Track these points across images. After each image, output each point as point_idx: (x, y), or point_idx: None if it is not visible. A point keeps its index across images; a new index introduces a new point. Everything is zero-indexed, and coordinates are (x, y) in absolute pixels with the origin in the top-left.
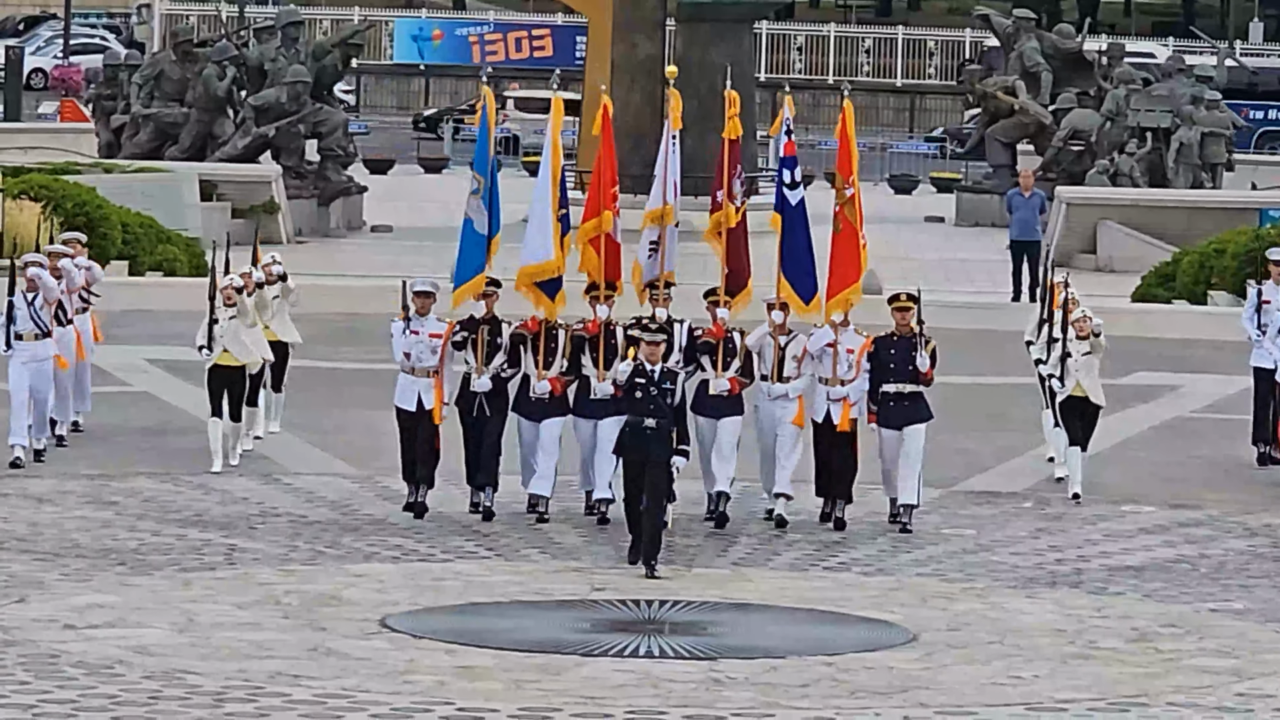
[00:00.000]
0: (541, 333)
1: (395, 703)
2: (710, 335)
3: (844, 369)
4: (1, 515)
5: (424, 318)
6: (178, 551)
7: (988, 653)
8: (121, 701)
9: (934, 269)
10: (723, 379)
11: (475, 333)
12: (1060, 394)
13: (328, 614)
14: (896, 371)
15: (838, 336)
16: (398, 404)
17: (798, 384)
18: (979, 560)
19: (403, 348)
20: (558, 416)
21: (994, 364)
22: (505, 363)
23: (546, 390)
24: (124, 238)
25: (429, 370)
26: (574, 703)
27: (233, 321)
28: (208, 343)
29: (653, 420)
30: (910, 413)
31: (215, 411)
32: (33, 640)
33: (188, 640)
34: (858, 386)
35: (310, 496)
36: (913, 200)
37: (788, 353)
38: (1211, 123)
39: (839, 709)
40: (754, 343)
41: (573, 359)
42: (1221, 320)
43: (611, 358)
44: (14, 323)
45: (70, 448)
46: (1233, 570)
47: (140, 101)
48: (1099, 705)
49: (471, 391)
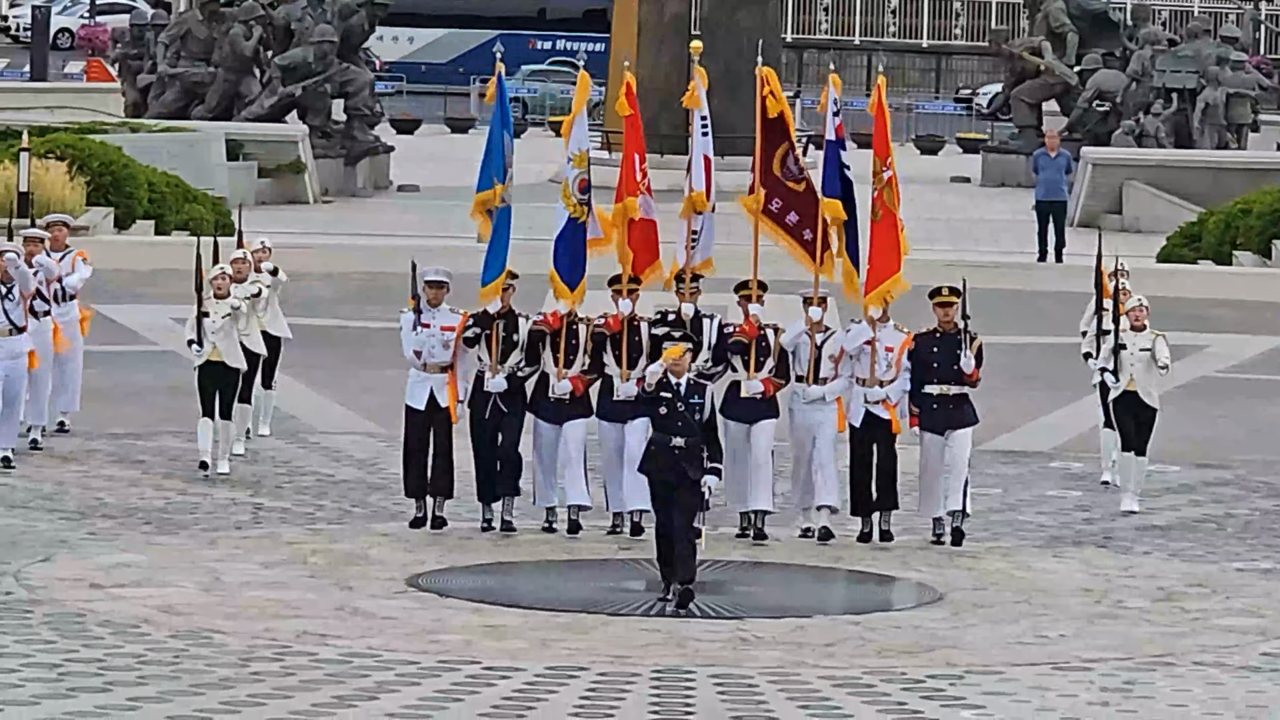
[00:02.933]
0: (562, 328)
1: (422, 662)
2: (742, 334)
3: (883, 369)
4: (27, 474)
5: (435, 309)
6: (204, 510)
7: (1014, 612)
8: (148, 660)
9: (960, 229)
10: (756, 380)
11: (489, 328)
12: (1114, 389)
13: (354, 573)
14: (940, 371)
15: (876, 333)
16: (409, 402)
17: (835, 386)
18: (1005, 520)
19: (413, 345)
20: (580, 418)
21: (1020, 324)
22: (522, 361)
23: (568, 390)
24: (150, 197)
25: (442, 366)
26: (601, 661)
27: (226, 320)
28: (197, 338)
29: (681, 439)
30: (955, 416)
31: (206, 411)
32: (59, 599)
33: (214, 599)
34: (898, 387)
35: (337, 455)
36: (939, 161)
37: (824, 352)
38: (1237, 83)
39: (865, 668)
40: (789, 341)
41: (594, 357)
42: (1247, 280)
43: (635, 355)
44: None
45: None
46: (1259, 529)
47: (167, 61)
48: (1125, 664)
49: (485, 392)
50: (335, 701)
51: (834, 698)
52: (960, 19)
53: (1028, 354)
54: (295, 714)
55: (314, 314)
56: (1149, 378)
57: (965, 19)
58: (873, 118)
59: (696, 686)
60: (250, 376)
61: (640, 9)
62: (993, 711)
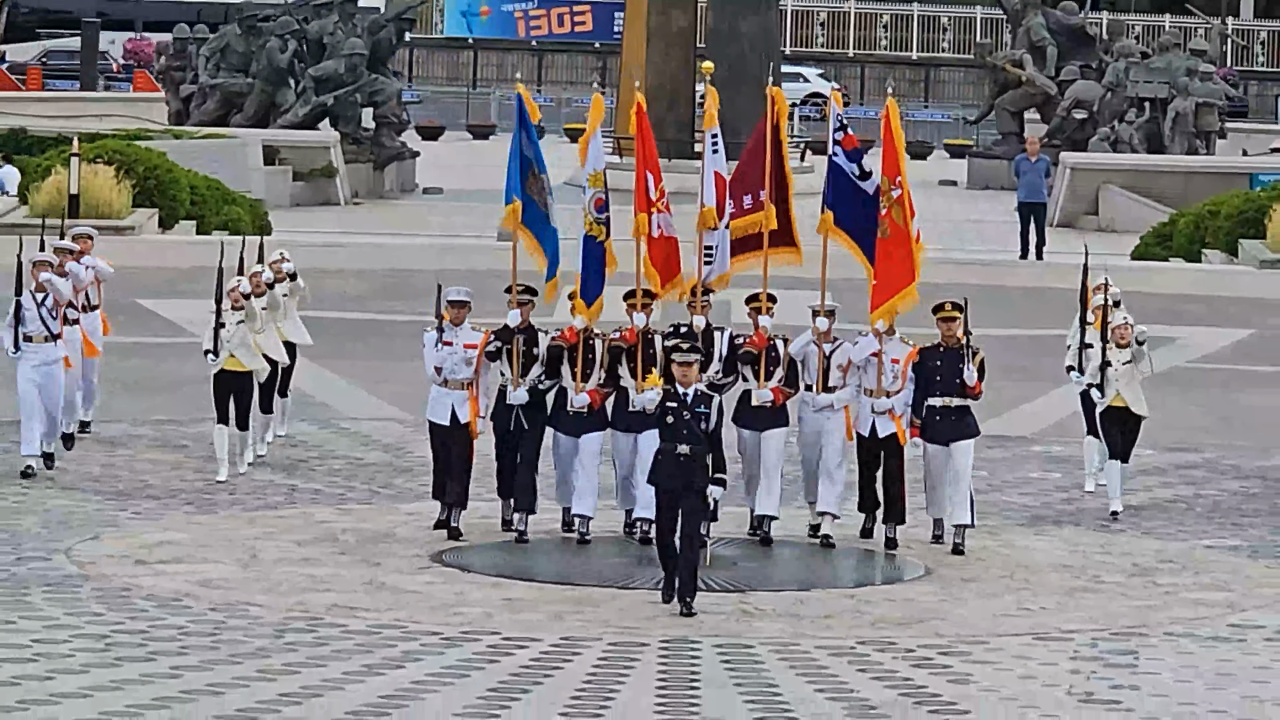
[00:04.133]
0: (580, 344)
1: (445, 632)
2: (752, 345)
3: (889, 380)
4: (77, 458)
5: (458, 328)
6: (242, 491)
7: (999, 586)
8: (189, 632)
9: (947, 229)
10: (765, 389)
11: (510, 343)
12: (1100, 404)
13: (382, 550)
14: (943, 384)
15: (882, 346)
16: (430, 417)
17: (843, 395)
18: (991, 500)
19: (434, 361)
20: (597, 431)
21: (1003, 317)
22: (543, 374)
23: (585, 403)
24: (192, 199)
25: (462, 382)
26: (612, 632)
27: (240, 326)
28: (214, 347)
29: (686, 446)
30: (958, 428)
31: (221, 418)
32: (106, 575)
33: (251, 575)
34: (903, 398)
35: (365, 440)
36: (927, 165)
37: (833, 362)
38: (1205, 93)
39: (860, 638)
40: (797, 351)
41: (610, 370)
42: (1215, 277)
43: (650, 368)
44: (22, 324)
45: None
46: (1226, 509)
47: (208, 73)
48: (1102, 635)
49: (507, 405)
50: (364, 670)
51: (831, 666)
52: (947, 33)
53: (1010, 346)
54: (327, 682)
55: (344, 308)
56: (1135, 389)
57: (952, 33)
58: (883, 139)
59: (702, 656)
60: (269, 385)
61: (649, 19)
62: (979, 679)
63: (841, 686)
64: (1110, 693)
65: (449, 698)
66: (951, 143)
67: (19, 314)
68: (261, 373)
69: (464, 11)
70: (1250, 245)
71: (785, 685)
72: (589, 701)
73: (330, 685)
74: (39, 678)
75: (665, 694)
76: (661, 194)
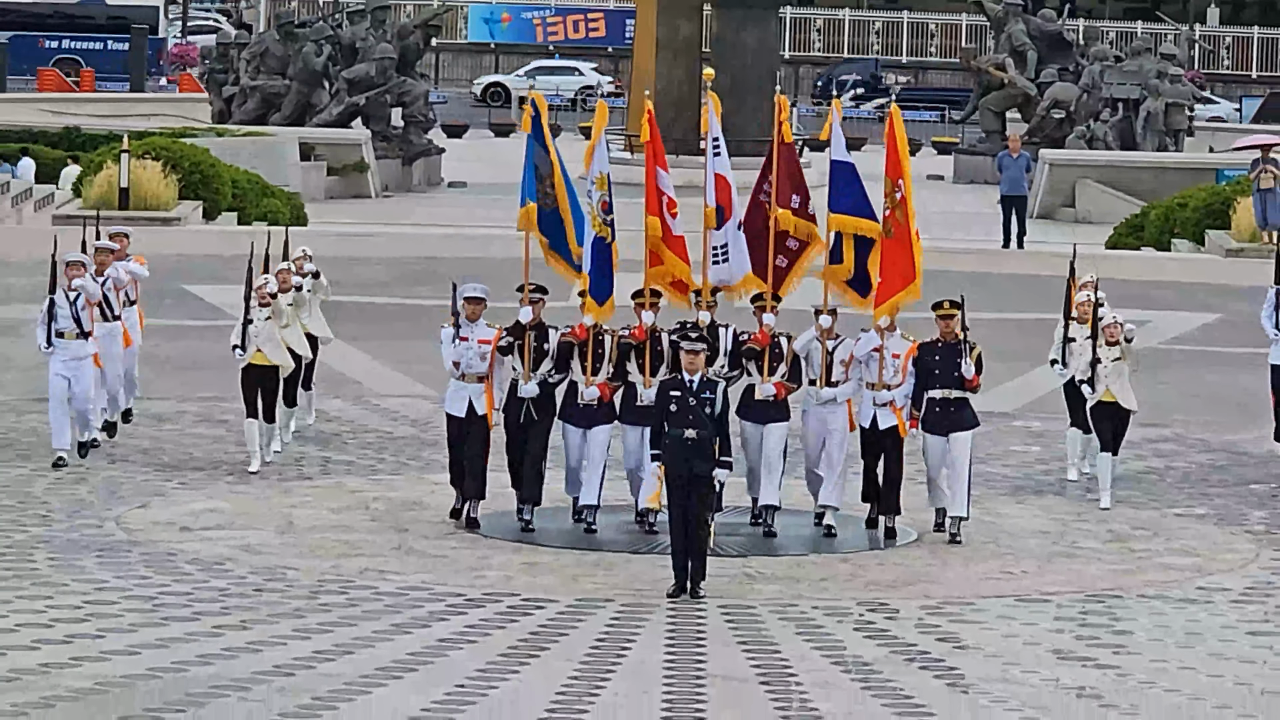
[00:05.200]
0: (589, 339)
1: (469, 594)
2: (755, 341)
3: (890, 374)
4: (127, 432)
5: (474, 324)
6: (279, 463)
7: (983, 552)
8: (230, 594)
9: (935, 220)
10: (768, 384)
11: (522, 338)
12: (1090, 399)
13: (410, 517)
14: (942, 377)
15: (884, 341)
16: (448, 410)
17: (845, 388)
18: (976, 471)
19: (452, 356)
20: (605, 424)
21: (986, 302)
22: (553, 369)
23: (595, 396)
24: (234, 192)
25: (479, 376)
26: (623, 594)
27: (267, 323)
28: (242, 343)
29: (693, 431)
30: (955, 419)
31: (250, 412)
32: (154, 541)
33: (288, 540)
34: (903, 391)
35: (394, 416)
36: (916, 161)
37: (835, 357)
38: (1174, 94)
39: (855, 599)
40: (801, 347)
41: (619, 365)
42: (1183, 264)
43: (657, 364)
44: (55, 320)
45: (183, 377)
46: (1195, 480)
47: (248, 75)
48: (1079, 597)
49: (519, 398)
50: (393, 629)
51: (826, 625)
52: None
53: (993, 328)
54: (358, 640)
55: (374, 293)
56: (1124, 385)
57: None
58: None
59: (707, 616)
60: (293, 379)
61: (658, 30)
62: (965, 637)
63: (837, 644)
64: (1087, 650)
65: (472, 655)
66: (939, 140)
67: (52, 311)
68: (286, 367)
69: (486, 18)
70: (1216, 235)
71: (785, 643)
72: (602, 659)
73: (361, 643)
74: (91, 636)
75: (673, 652)
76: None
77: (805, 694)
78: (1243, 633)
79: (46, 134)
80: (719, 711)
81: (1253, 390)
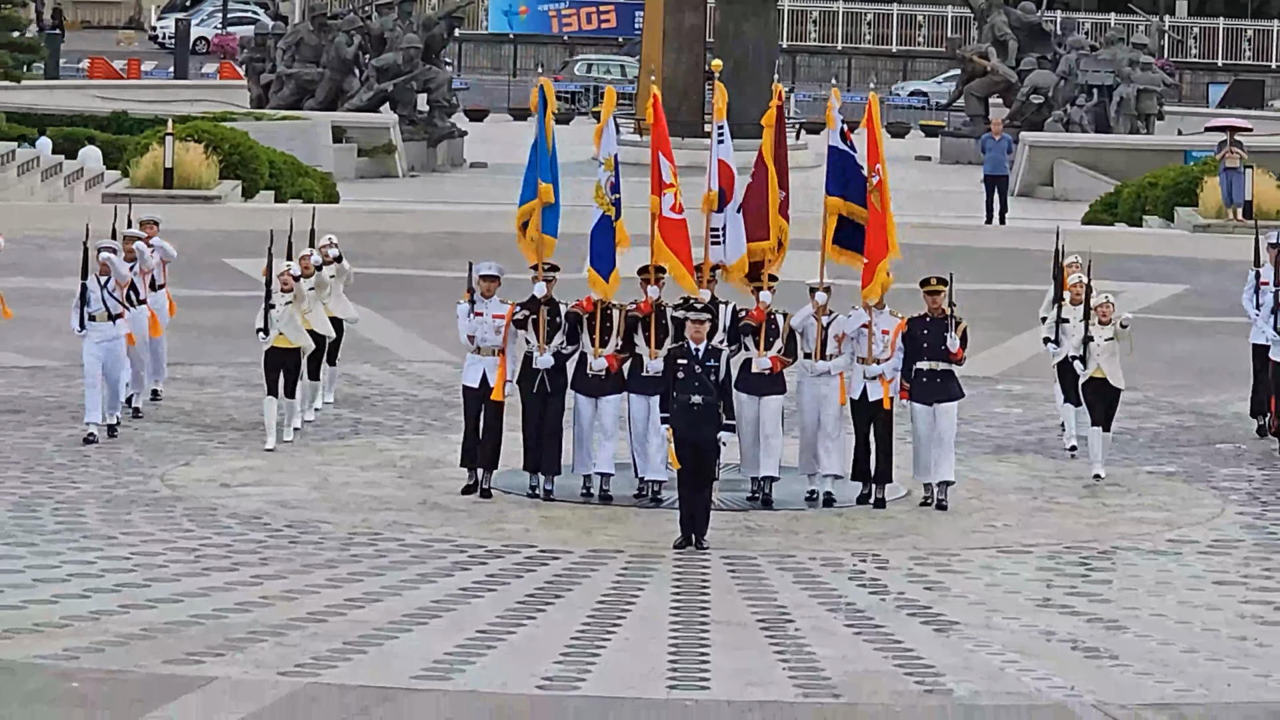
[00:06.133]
0: (597, 313)
1: (489, 546)
2: (752, 318)
3: (879, 348)
4: (171, 396)
5: (488, 300)
6: (313, 424)
7: (967, 506)
8: (267, 545)
9: (923, 198)
10: (765, 358)
11: (535, 313)
12: (1082, 375)
13: (434, 475)
14: (929, 350)
15: (872, 318)
16: (465, 382)
17: (839, 361)
18: (960, 432)
19: (467, 330)
20: (615, 394)
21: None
22: (564, 341)
23: (604, 367)
24: (270, 172)
25: (494, 349)
26: (633, 546)
27: (288, 307)
28: (265, 326)
29: (698, 397)
30: (942, 390)
31: (271, 390)
32: (196, 496)
33: (321, 496)
34: (893, 365)
35: (420, 380)
36: (905, 143)
37: (830, 333)
38: (1146, 81)
39: (848, 550)
40: (798, 323)
41: (626, 338)
42: (1154, 239)
43: (662, 337)
44: (88, 304)
45: (223, 343)
46: (1165, 440)
47: (284, 63)
48: (1057, 549)
49: (534, 369)
50: (418, 578)
51: (821, 574)
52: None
53: (977, 297)
54: (386, 588)
55: (401, 266)
56: (1114, 364)
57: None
58: (866, 131)
59: (711, 565)
60: (317, 356)
61: (665, 21)
62: (950, 586)
63: (831, 592)
64: (1064, 598)
65: (491, 602)
66: (926, 124)
67: (84, 296)
68: (307, 349)
69: (505, 10)
70: (1185, 212)
71: (783, 591)
72: (613, 606)
73: (389, 591)
74: (138, 585)
75: (679, 599)
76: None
77: (802, 638)
78: (1209, 582)
79: (96, 118)
80: (721, 654)
81: (1219, 355)
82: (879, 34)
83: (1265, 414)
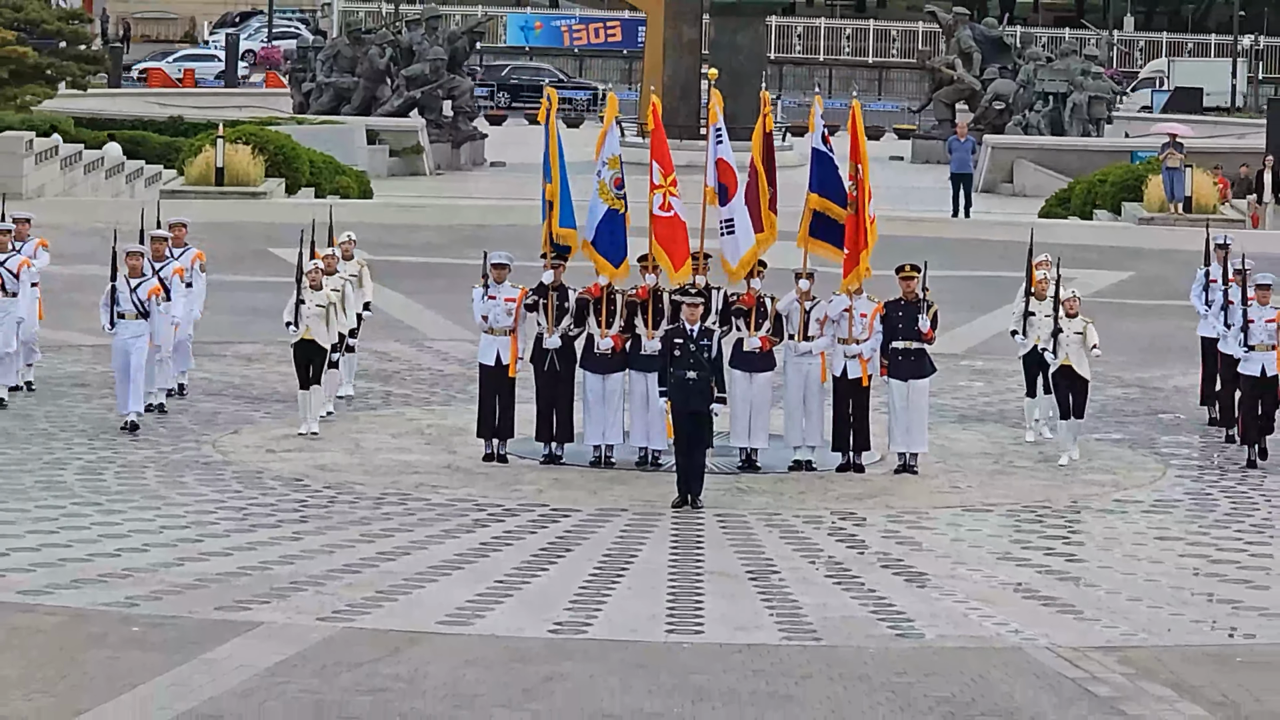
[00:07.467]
0: (604, 298)
1: (506, 504)
2: (743, 302)
3: (859, 330)
4: (221, 370)
5: (500, 285)
6: (349, 399)
7: (934, 470)
8: (308, 504)
9: (896, 194)
10: (755, 338)
11: (545, 297)
12: (1052, 365)
13: (458, 441)
14: (904, 331)
15: (853, 302)
16: (480, 360)
17: (820, 342)
18: (929, 403)
19: (481, 311)
20: (619, 371)
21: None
22: (572, 323)
23: (609, 346)
24: (311, 171)
25: (506, 330)
26: (636, 505)
27: (318, 306)
28: (295, 320)
29: (693, 373)
30: (915, 367)
31: (303, 384)
32: (243, 461)
33: (356, 460)
34: (871, 345)
35: (445, 355)
36: (880, 144)
37: (812, 316)
38: (1096, 89)
39: (828, 508)
40: (783, 307)
41: (628, 320)
42: (1104, 231)
43: (659, 320)
44: (117, 304)
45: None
46: (1112, 411)
47: (323, 73)
48: (1015, 509)
49: (544, 349)
50: (443, 534)
51: (804, 531)
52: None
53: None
54: (415, 542)
55: (428, 254)
56: (1081, 354)
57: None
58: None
59: (705, 522)
60: (337, 348)
61: (665, 33)
62: (920, 541)
63: (814, 547)
64: (1021, 552)
65: (508, 555)
66: (899, 127)
67: (114, 296)
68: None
69: (522, 25)
70: (1131, 206)
71: (770, 546)
72: (617, 559)
73: (417, 545)
74: (192, 540)
75: (676, 553)
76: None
77: (787, 587)
78: (1152, 538)
79: (155, 122)
80: (714, 602)
81: (1162, 335)
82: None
83: (1214, 403)
